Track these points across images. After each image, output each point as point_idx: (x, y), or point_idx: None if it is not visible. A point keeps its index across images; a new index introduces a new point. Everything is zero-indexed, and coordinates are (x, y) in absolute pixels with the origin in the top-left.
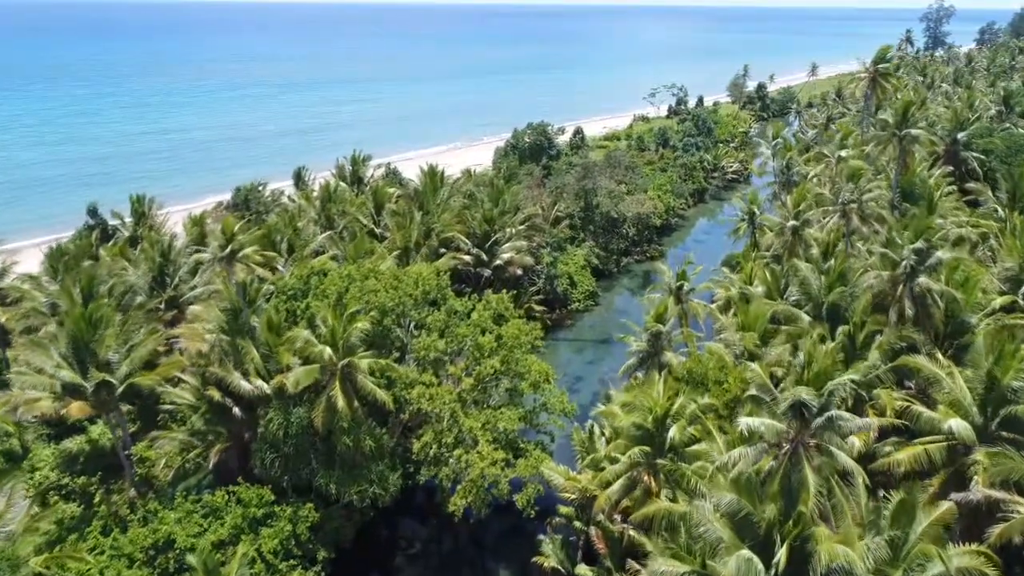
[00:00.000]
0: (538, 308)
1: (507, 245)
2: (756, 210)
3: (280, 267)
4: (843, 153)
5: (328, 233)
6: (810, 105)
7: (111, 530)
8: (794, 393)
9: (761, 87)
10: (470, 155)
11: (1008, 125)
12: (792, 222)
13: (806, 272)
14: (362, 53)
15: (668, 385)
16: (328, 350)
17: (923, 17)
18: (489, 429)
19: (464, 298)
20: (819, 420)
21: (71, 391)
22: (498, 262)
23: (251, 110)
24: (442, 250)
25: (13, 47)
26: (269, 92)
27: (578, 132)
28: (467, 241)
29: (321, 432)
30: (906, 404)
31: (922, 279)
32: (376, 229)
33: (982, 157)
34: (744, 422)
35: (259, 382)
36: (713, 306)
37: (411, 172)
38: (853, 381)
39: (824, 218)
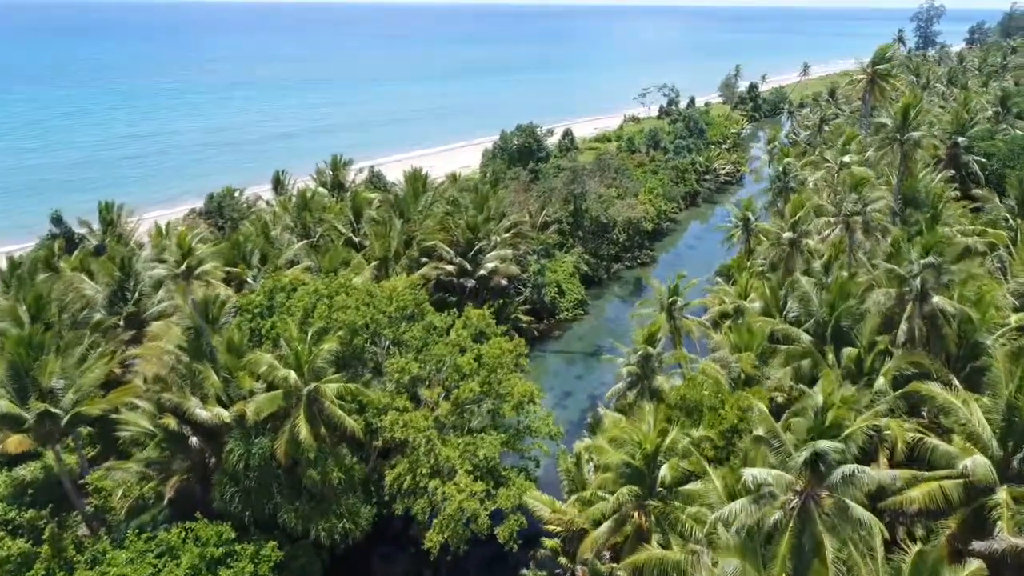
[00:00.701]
0: (525, 318)
1: (492, 254)
2: (751, 217)
3: (251, 279)
4: (846, 159)
5: (303, 242)
6: (802, 105)
7: (55, 574)
8: (811, 447)
9: (753, 87)
10: (460, 157)
11: (1005, 126)
12: (788, 233)
13: (806, 287)
14: (353, 54)
15: (659, 416)
16: (292, 375)
17: (913, 17)
18: (468, 458)
19: (444, 313)
20: (836, 476)
21: (9, 423)
22: (482, 272)
23: (241, 112)
24: (424, 259)
25: (4, 47)
26: (261, 94)
27: (567, 134)
28: (449, 250)
29: (285, 464)
30: (919, 436)
31: (935, 298)
32: (355, 237)
33: (983, 161)
34: (749, 474)
35: (218, 409)
36: (707, 320)
37: (398, 175)
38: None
39: (825, 230)
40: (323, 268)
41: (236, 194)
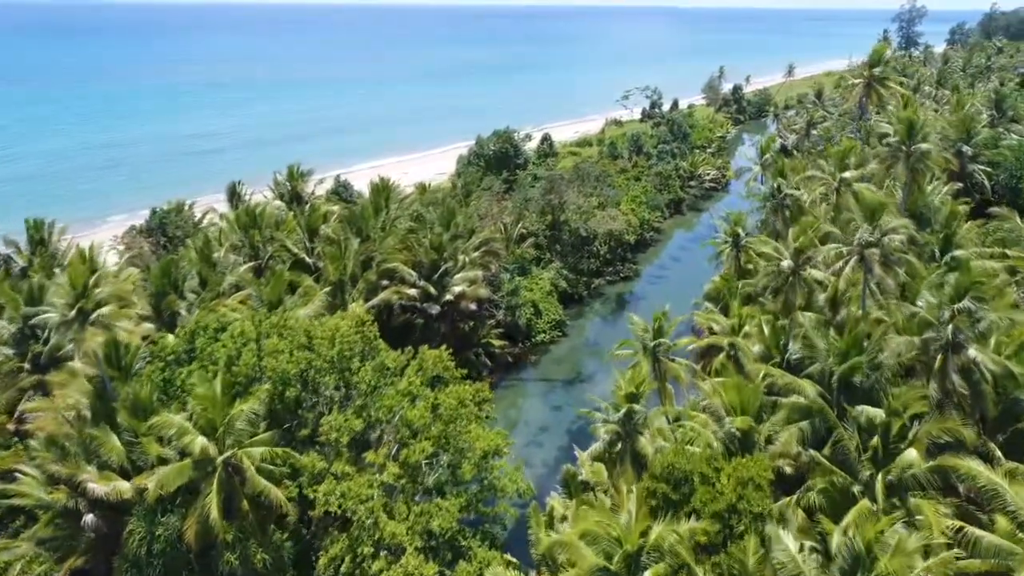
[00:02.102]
0: (497, 343)
1: (459, 276)
2: (741, 232)
3: (184, 311)
4: (847, 175)
5: (249, 265)
6: (787, 107)
7: None
8: None
9: (737, 89)
10: (436, 163)
11: (1001, 130)
12: (789, 262)
13: (810, 329)
14: (332, 55)
15: (641, 501)
16: (202, 441)
17: (896, 17)
18: (419, 532)
19: (400, 351)
20: None
21: None
22: (448, 297)
23: (216, 116)
24: (384, 282)
25: None
26: (235, 97)
27: (546, 139)
28: (412, 272)
29: (196, 548)
30: (958, 525)
31: (970, 351)
32: (307, 258)
33: (989, 170)
34: None
35: (117, 483)
36: (695, 348)
37: (368, 183)
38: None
39: (835, 261)
40: (264, 297)
41: (187, 207)
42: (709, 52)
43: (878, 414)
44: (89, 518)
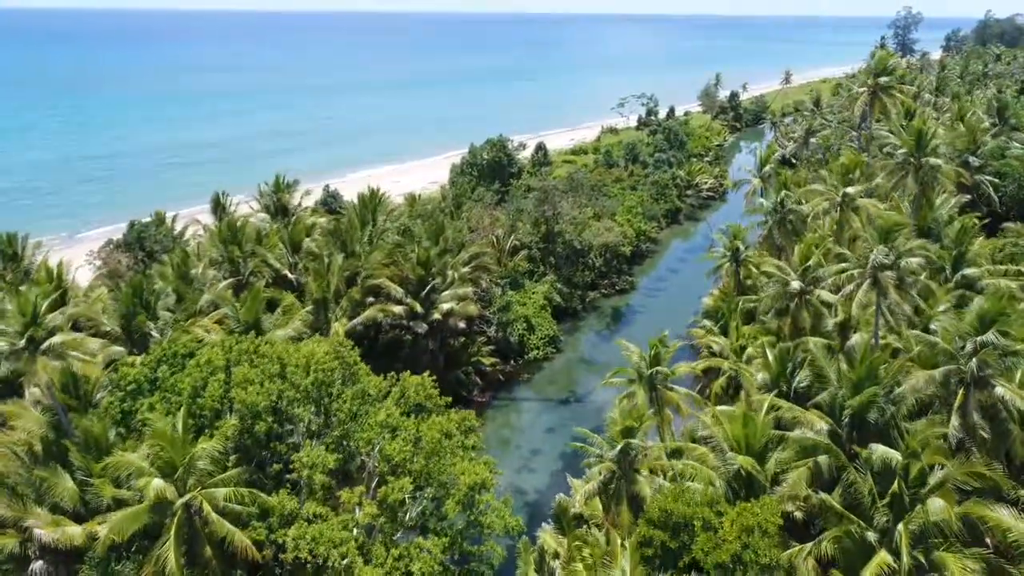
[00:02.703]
0: (488, 361)
1: (447, 293)
2: (741, 246)
3: (156, 333)
4: (851, 190)
5: (228, 282)
6: (784, 115)
7: None
8: None
9: (734, 96)
10: (429, 172)
11: (1003, 139)
12: (797, 283)
13: (820, 356)
14: (329, 62)
15: (636, 549)
16: (158, 484)
17: (891, 24)
18: None
19: (382, 376)
20: None
21: None
22: (436, 316)
23: (207, 125)
24: (370, 299)
25: None
26: (234, 104)
27: (540, 148)
28: (399, 289)
29: None
30: None
31: (996, 388)
32: (290, 274)
33: (996, 181)
34: None
35: (67, 528)
36: (693, 366)
37: (360, 193)
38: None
39: (846, 284)
40: (240, 318)
41: (169, 220)
42: (704, 59)
43: (895, 457)
44: (38, 565)
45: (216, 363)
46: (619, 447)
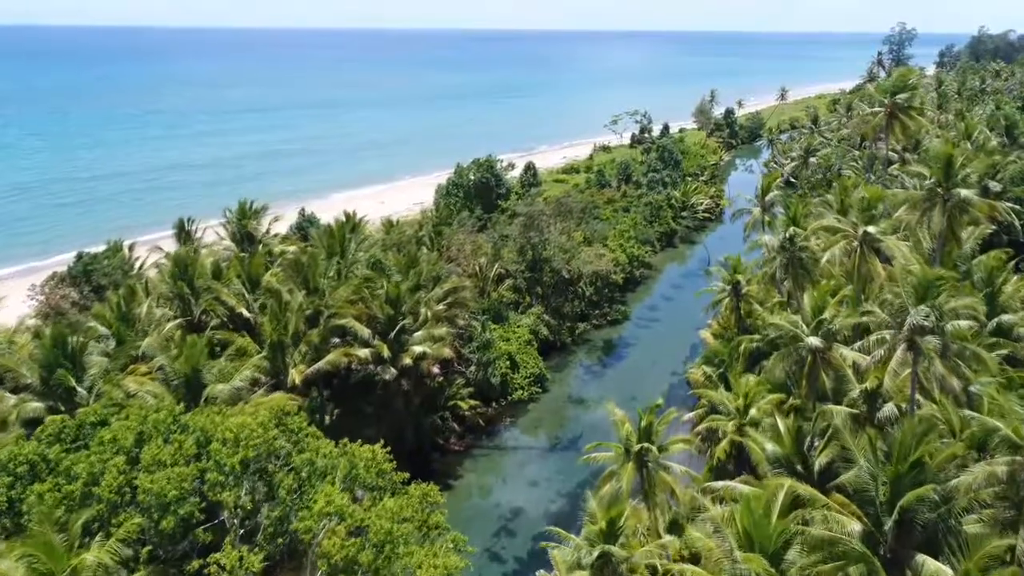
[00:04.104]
0: (466, 405)
1: (419, 334)
2: (741, 280)
3: (82, 389)
4: (872, 229)
5: (177, 322)
6: (781, 131)
7: None
8: None
9: (729, 113)
10: (415, 192)
11: (1013, 158)
12: (814, 340)
13: (845, 433)
14: (317, 79)
15: None
16: None
17: (886, 40)
18: None
19: (334, 443)
20: None
21: None
22: (406, 361)
23: (191, 145)
24: (335, 340)
25: None
26: (220, 122)
27: (529, 168)
28: (365, 330)
29: None
30: None
31: None
32: (247, 313)
33: (1019, 208)
34: None
35: None
36: (691, 425)
37: (340, 214)
38: None
39: (876, 348)
40: (175, 371)
41: (126, 248)
42: (698, 75)
43: (944, 571)
44: None
45: (122, 442)
46: (597, 553)
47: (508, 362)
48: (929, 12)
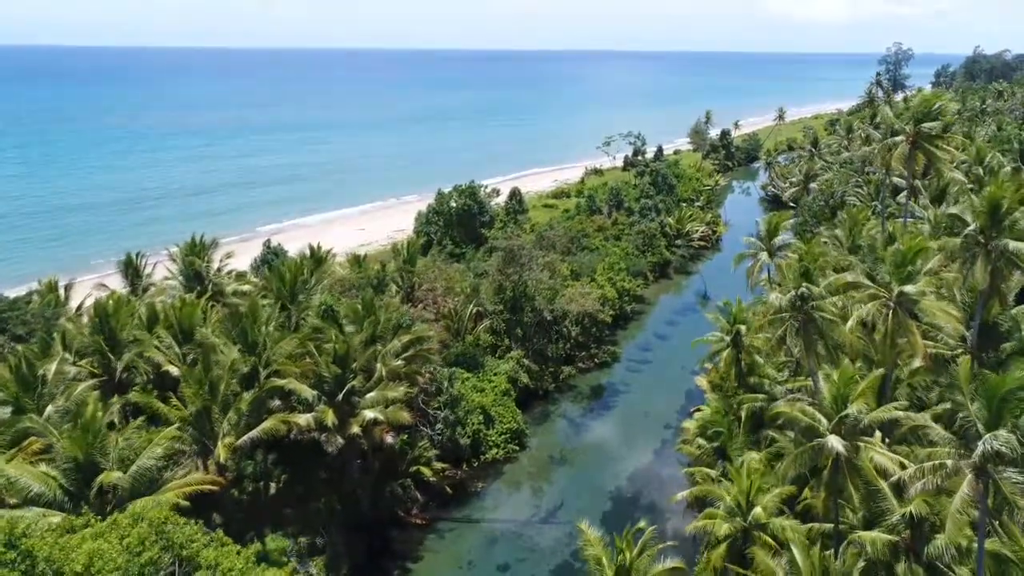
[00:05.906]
0: (431, 471)
1: (371, 396)
2: (742, 329)
3: None
4: (910, 289)
5: (90, 383)
6: (779, 153)
7: None
8: None
9: (725, 134)
10: (397, 218)
11: None
12: (836, 442)
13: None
14: (305, 100)
15: None
16: None
17: (882, 60)
18: None
19: (238, 550)
20: None
21: None
22: (355, 429)
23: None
24: (277, 403)
25: None
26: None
27: (514, 194)
28: (310, 391)
29: None
30: None
31: None
32: (175, 370)
33: None
34: None
35: None
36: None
37: (308, 244)
38: None
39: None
40: (62, 453)
41: (62, 288)
42: (693, 96)
43: None
44: None
45: None
46: None
47: (481, 416)
48: (923, 33)
